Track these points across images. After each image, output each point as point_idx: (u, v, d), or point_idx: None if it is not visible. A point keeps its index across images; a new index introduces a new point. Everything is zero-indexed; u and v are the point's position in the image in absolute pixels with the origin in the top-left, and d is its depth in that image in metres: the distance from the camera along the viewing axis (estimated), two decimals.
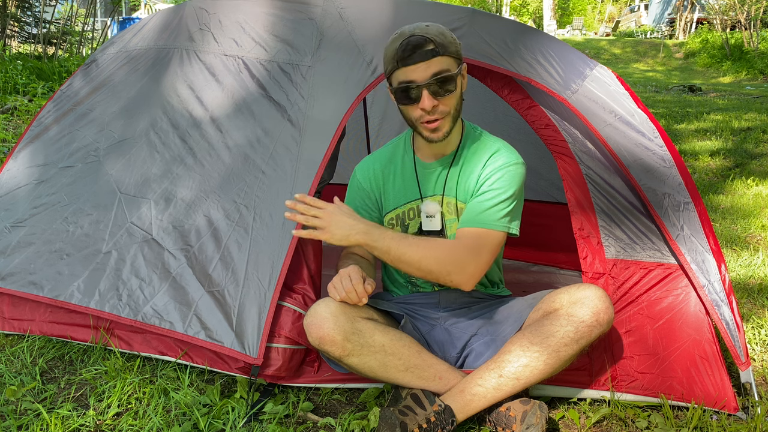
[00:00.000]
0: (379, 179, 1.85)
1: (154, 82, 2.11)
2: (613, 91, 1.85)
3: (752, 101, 9.10)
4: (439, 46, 1.57)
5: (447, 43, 1.58)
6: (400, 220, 1.82)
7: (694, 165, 5.30)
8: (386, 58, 1.63)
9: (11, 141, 4.49)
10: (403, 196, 1.82)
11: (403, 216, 1.82)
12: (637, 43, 21.15)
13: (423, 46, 1.55)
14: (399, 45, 1.57)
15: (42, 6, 8.26)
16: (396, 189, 1.83)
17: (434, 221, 1.77)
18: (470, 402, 1.55)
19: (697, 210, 1.76)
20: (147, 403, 1.67)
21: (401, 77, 1.60)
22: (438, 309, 1.84)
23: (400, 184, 1.82)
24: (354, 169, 1.90)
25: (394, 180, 1.83)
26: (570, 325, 1.53)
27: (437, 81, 1.58)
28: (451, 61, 1.60)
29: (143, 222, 1.89)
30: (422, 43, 1.55)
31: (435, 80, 1.58)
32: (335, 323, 1.54)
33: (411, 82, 1.59)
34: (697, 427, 1.63)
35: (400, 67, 1.59)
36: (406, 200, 1.81)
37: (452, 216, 1.77)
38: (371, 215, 1.86)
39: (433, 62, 1.57)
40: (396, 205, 1.83)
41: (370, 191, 1.86)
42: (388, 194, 1.84)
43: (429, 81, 1.57)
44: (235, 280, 1.73)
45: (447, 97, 1.61)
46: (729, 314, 1.70)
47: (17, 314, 2.00)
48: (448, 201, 1.77)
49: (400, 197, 1.82)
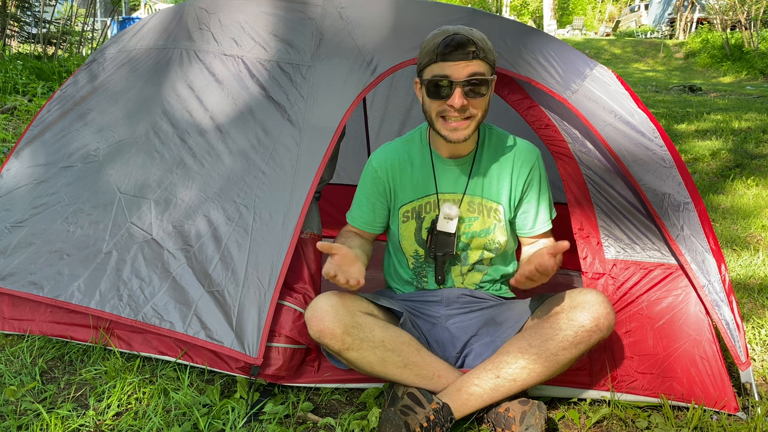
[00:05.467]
0: (396, 170, 1.84)
1: (154, 82, 2.11)
2: (613, 91, 1.85)
3: (752, 101, 9.10)
4: (481, 50, 1.58)
5: (488, 49, 1.61)
6: (416, 213, 1.83)
7: (694, 165, 5.30)
8: (424, 50, 1.64)
9: (11, 141, 4.49)
10: (420, 190, 1.82)
11: (419, 209, 1.82)
12: (637, 43, 21.15)
13: (466, 46, 1.57)
14: (442, 40, 1.58)
15: (42, 6, 8.26)
16: (414, 182, 1.83)
17: (451, 224, 1.78)
18: (467, 401, 1.55)
19: (697, 210, 1.76)
20: (147, 403, 1.67)
21: (437, 71, 1.60)
22: (440, 307, 1.84)
23: (419, 177, 1.82)
24: (369, 157, 1.89)
25: (412, 173, 1.83)
26: (569, 329, 1.53)
27: (472, 82, 1.59)
28: (488, 67, 1.62)
29: (143, 222, 1.89)
30: (465, 43, 1.57)
31: (470, 80, 1.59)
32: (335, 316, 1.54)
33: (446, 77, 1.59)
34: (697, 427, 1.63)
35: (438, 61, 1.59)
36: (424, 194, 1.82)
37: (474, 214, 1.79)
38: (383, 204, 1.86)
39: (472, 63, 1.58)
40: (412, 198, 1.83)
41: (386, 181, 1.85)
42: (404, 186, 1.84)
43: (464, 80, 1.58)
44: (235, 279, 1.73)
45: (477, 99, 1.62)
46: (729, 314, 1.70)
47: (17, 314, 2.00)
48: (470, 200, 1.79)
49: (418, 191, 1.83)
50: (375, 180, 1.85)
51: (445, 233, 1.78)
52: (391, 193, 1.85)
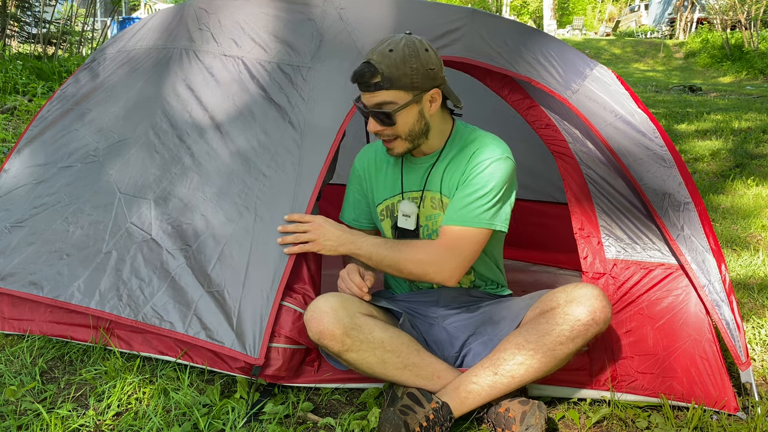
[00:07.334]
0: (372, 169, 1.89)
1: (154, 82, 2.11)
2: (614, 90, 1.85)
3: (752, 101, 9.10)
4: (386, 80, 1.57)
5: (399, 75, 1.57)
6: (389, 211, 1.86)
7: (694, 165, 5.30)
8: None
9: (11, 141, 4.49)
10: (391, 189, 1.85)
11: (392, 207, 1.85)
12: (637, 43, 21.15)
13: (367, 78, 1.59)
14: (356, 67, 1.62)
15: (42, 6, 8.26)
16: (386, 181, 1.86)
17: (409, 221, 1.79)
18: (465, 399, 1.55)
19: (697, 210, 1.76)
20: (147, 403, 1.67)
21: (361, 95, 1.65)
22: (437, 307, 1.84)
23: (390, 176, 1.85)
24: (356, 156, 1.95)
25: (386, 172, 1.86)
26: (566, 324, 1.53)
27: (377, 113, 1.62)
28: (400, 94, 1.60)
29: (143, 222, 1.89)
30: (367, 75, 1.58)
31: (375, 112, 1.62)
32: (335, 317, 1.55)
33: (361, 103, 1.65)
34: (697, 427, 1.63)
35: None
36: (394, 193, 1.84)
37: (437, 210, 1.78)
38: (364, 202, 1.92)
39: (377, 94, 1.60)
40: (385, 197, 1.86)
41: (364, 179, 1.91)
42: (379, 185, 1.87)
43: (372, 110, 1.63)
44: (236, 280, 1.73)
45: (393, 126, 1.64)
46: (729, 314, 1.70)
47: (17, 314, 2.00)
48: (432, 196, 1.78)
49: (389, 189, 1.85)
50: (356, 179, 1.93)
51: (405, 230, 1.80)
52: (369, 192, 1.90)
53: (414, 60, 1.58)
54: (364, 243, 1.71)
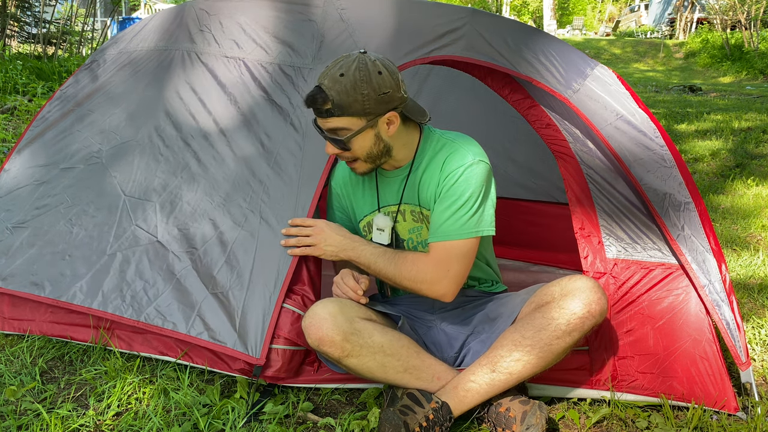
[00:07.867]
0: (349, 186, 1.87)
1: (156, 84, 2.11)
2: (614, 90, 1.85)
3: (752, 101, 9.10)
4: (337, 107, 1.53)
5: (350, 102, 1.52)
6: (370, 226, 1.83)
7: (695, 165, 5.30)
8: None
9: (11, 141, 4.49)
10: (369, 205, 1.82)
11: (373, 222, 1.82)
12: (637, 43, 21.15)
13: (319, 104, 1.55)
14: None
15: (42, 6, 8.26)
16: (365, 197, 1.83)
17: (383, 235, 1.77)
18: (464, 398, 1.55)
19: (697, 210, 1.76)
20: (147, 403, 1.67)
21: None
22: (433, 311, 1.84)
23: (367, 192, 1.83)
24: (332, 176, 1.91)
25: (363, 188, 1.84)
26: (561, 318, 1.52)
27: (332, 138, 1.61)
28: (353, 120, 1.56)
29: (148, 225, 1.89)
30: (319, 101, 1.55)
31: (330, 136, 1.61)
32: (334, 324, 1.54)
33: (317, 126, 1.64)
34: (698, 427, 1.63)
35: None
36: (372, 209, 1.82)
37: (418, 223, 1.76)
38: (347, 219, 1.89)
39: (329, 120, 1.58)
40: (365, 213, 1.84)
41: (342, 196, 1.88)
42: (358, 201, 1.85)
43: (327, 135, 1.61)
44: (240, 282, 1.74)
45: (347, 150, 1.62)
46: (729, 314, 1.71)
47: (17, 314, 2.00)
48: (412, 209, 1.75)
49: (368, 205, 1.83)
50: (335, 197, 1.91)
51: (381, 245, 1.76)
52: (350, 208, 1.88)
53: (365, 86, 1.52)
54: (364, 251, 1.70)
